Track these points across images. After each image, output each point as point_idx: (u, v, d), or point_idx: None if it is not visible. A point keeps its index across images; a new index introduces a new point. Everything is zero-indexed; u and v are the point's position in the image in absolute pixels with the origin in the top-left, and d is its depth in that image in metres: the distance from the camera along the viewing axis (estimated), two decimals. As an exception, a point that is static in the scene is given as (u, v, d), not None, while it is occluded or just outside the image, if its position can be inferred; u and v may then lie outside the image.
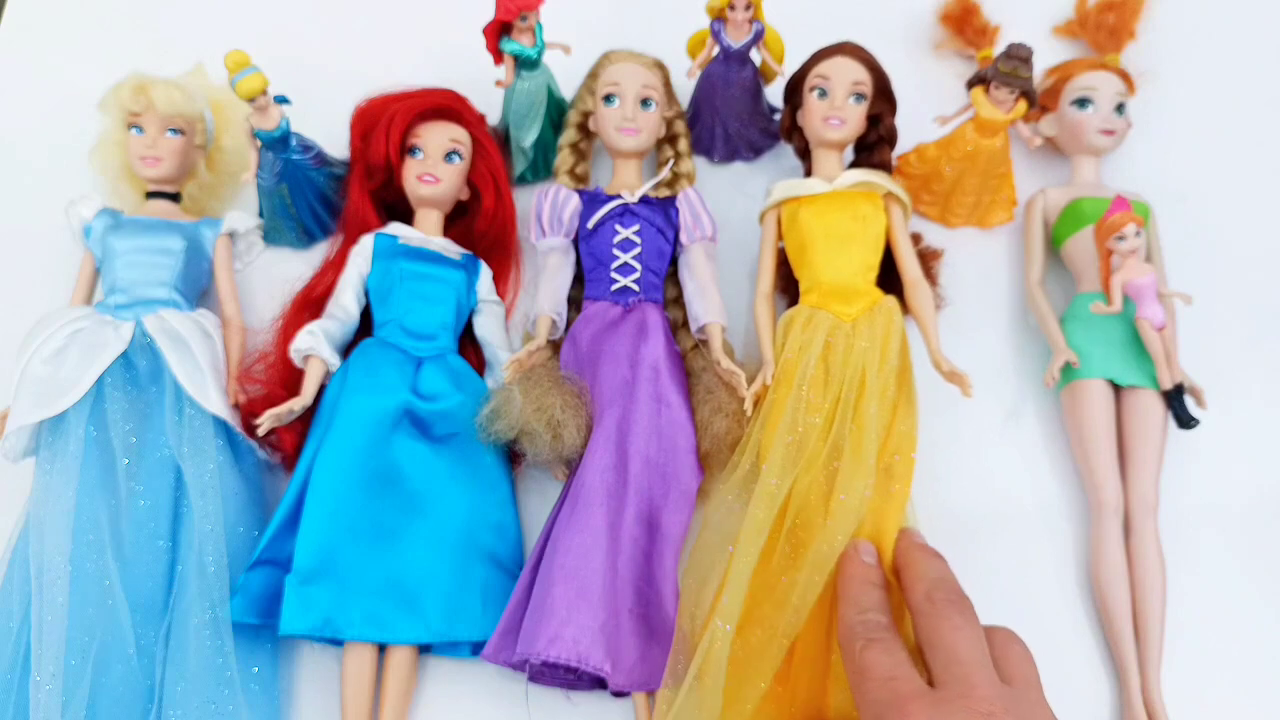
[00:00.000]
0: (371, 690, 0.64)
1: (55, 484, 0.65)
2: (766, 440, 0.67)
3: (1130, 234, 0.72)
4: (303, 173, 0.76)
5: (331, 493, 0.65)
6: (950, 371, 0.69)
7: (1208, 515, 0.73)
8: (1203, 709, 0.67)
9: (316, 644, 0.67)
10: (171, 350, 0.69)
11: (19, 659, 0.63)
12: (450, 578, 0.65)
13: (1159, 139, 0.88)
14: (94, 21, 0.95)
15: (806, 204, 0.74)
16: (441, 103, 0.76)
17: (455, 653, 0.67)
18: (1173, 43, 0.92)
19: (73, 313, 0.71)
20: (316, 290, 0.75)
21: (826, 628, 0.63)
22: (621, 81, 0.77)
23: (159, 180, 0.77)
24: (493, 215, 0.78)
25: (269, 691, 0.65)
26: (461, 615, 0.65)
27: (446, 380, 0.71)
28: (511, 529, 0.69)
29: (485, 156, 0.78)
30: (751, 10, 0.77)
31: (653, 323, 0.72)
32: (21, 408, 0.67)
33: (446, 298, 0.73)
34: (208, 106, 0.79)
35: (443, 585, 0.65)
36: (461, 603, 0.65)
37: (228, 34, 0.89)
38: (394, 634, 0.63)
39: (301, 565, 0.63)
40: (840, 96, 0.75)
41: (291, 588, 0.63)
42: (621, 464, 0.67)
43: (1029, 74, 0.73)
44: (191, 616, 0.63)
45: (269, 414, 0.67)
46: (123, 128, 0.76)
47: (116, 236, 0.73)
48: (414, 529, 0.66)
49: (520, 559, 0.69)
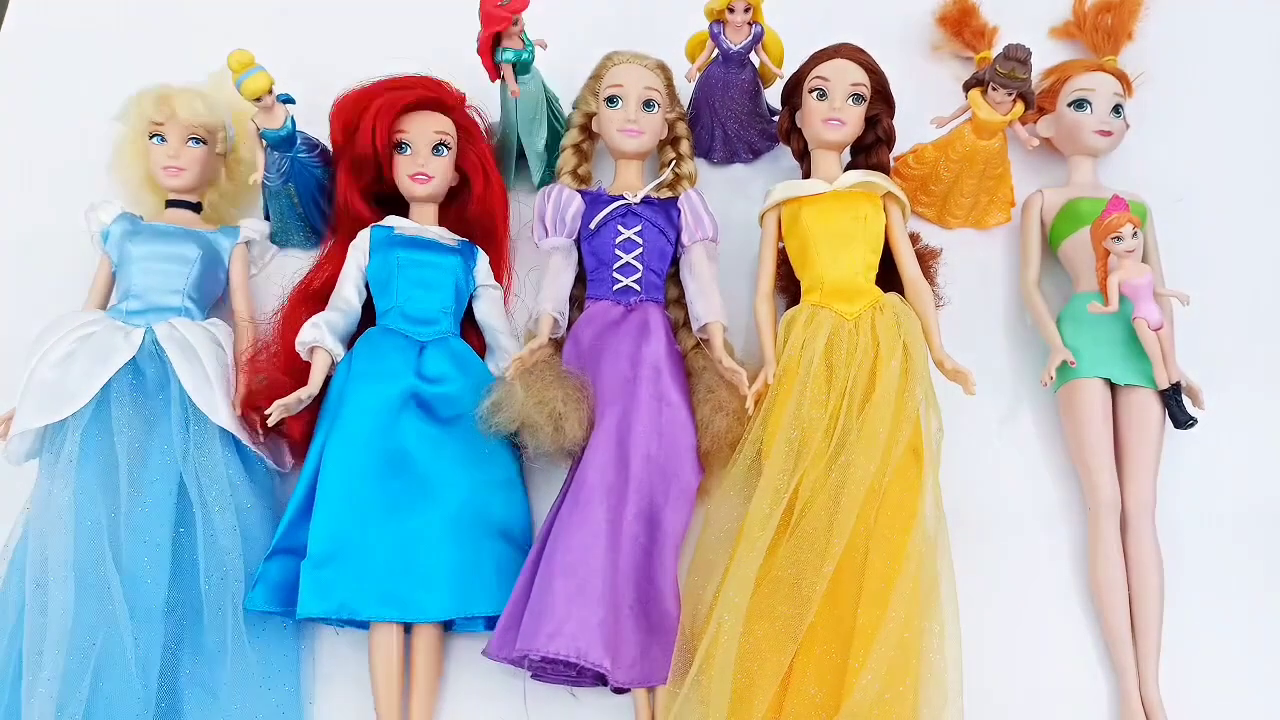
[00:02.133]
0: (401, 670, 0.65)
1: (57, 488, 0.66)
2: (769, 437, 0.68)
3: (1127, 234, 0.72)
4: (309, 171, 0.77)
5: (342, 478, 0.66)
6: (953, 369, 0.70)
7: (1204, 514, 0.74)
8: (1200, 705, 0.68)
9: (342, 631, 0.68)
10: (181, 360, 0.70)
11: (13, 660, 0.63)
12: (463, 555, 0.66)
13: (1156, 140, 0.89)
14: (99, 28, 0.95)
15: (807, 204, 0.74)
16: (423, 94, 0.76)
17: (470, 627, 0.68)
18: (1170, 45, 0.93)
19: (84, 317, 0.72)
20: (314, 283, 0.76)
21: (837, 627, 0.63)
22: (624, 83, 0.77)
23: (181, 190, 0.77)
24: (483, 199, 0.79)
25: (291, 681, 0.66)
26: (476, 591, 0.66)
27: (449, 363, 0.72)
28: (520, 505, 0.71)
29: (471, 141, 0.79)
30: (750, 13, 0.77)
31: (654, 322, 0.73)
32: (26, 412, 0.67)
33: (445, 283, 0.74)
34: (228, 115, 0.79)
35: (456, 563, 0.66)
36: (475, 579, 0.67)
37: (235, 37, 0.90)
38: (411, 612, 0.65)
39: (316, 550, 0.64)
40: (839, 98, 0.75)
41: (307, 573, 0.64)
42: (622, 462, 0.67)
43: (1026, 75, 0.74)
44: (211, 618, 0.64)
45: (278, 404, 0.67)
46: (143, 137, 0.76)
47: (134, 242, 0.74)
48: (425, 509, 0.67)
49: (529, 534, 0.71)
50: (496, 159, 0.81)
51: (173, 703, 0.64)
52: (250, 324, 0.76)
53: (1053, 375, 0.73)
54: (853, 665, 0.61)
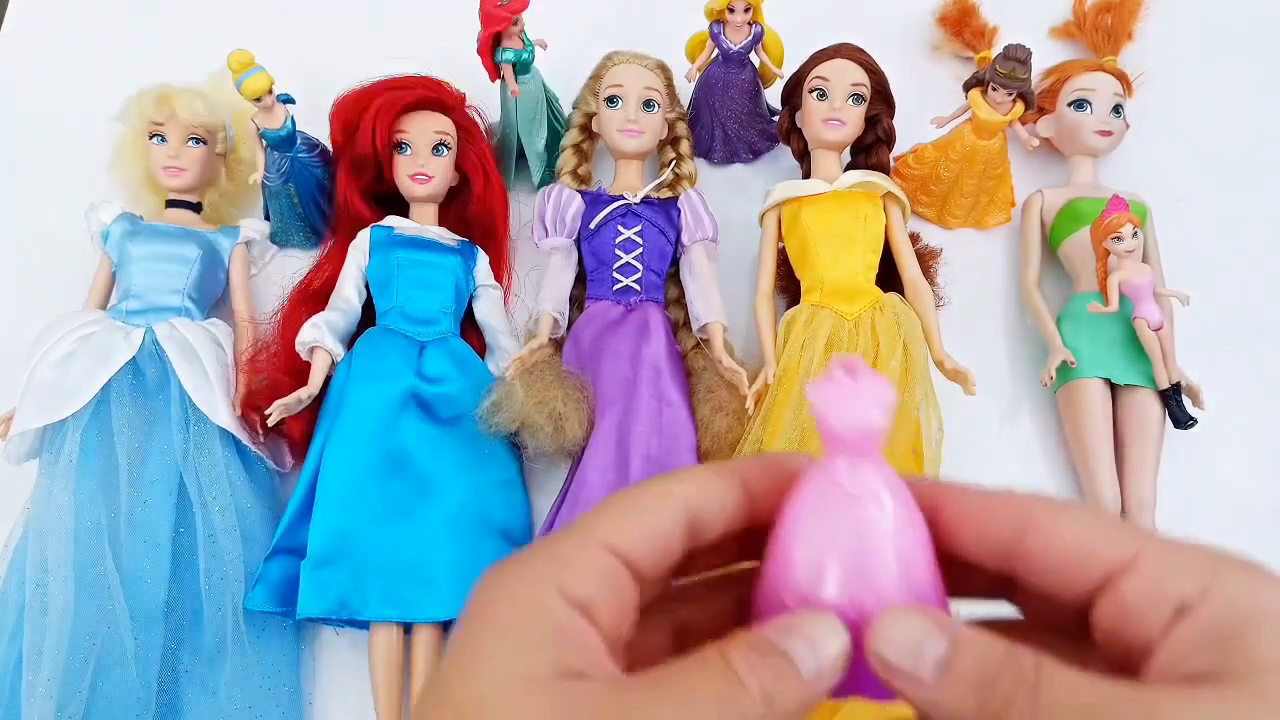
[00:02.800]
0: (401, 670, 0.65)
1: (57, 488, 0.66)
2: (769, 437, 0.68)
3: (1127, 234, 0.72)
4: (309, 171, 0.77)
5: (342, 478, 0.66)
6: (954, 369, 0.70)
7: (1204, 514, 0.74)
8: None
9: (342, 631, 0.68)
10: (181, 360, 0.70)
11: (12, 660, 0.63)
12: (463, 555, 0.66)
13: (1156, 140, 0.89)
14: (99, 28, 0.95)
15: (807, 204, 0.74)
16: (423, 94, 0.76)
17: None
18: (1170, 44, 0.93)
19: (84, 317, 0.72)
20: (314, 283, 0.76)
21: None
22: (624, 83, 0.77)
23: (182, 190, 0.77)
24: (483, 199, 0.79)
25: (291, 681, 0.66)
26: None
27: (449, 363, 0.72)
28: (520, 505, 0.71)
29: (471, 141, 0.79)
30: (750, 13, 0.77)
31: (654, 322, 0.73)
32: (26, 411, 0.67)
33: (445, 283, 0.74)
34: (228, 115, 0.79)
35: (456, 562, 0.66)
36: (475, 579, 0.66)
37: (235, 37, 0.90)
38: (411, 612, 0.65)
39: (316, 550, 0.64)
40: (839, 98, 0.75)
41: (307, 572, 0.64)
42: (622, 462, 0.67)
43: (1026, 75, 0.74)
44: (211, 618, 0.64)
45: (278, 404, 0.67)
46: (143, 137, 0.76)
47: (134, 242, 0.74)
48: (425, 509, 0.67)
49: (529, 534, 0.71)
50: (496, 159, 0.81)
51: (172, 702, 0.64)
52: (250, 324, 0.76)
53: (1053, 375, 0.73)
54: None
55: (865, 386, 0.26)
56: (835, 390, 0.26)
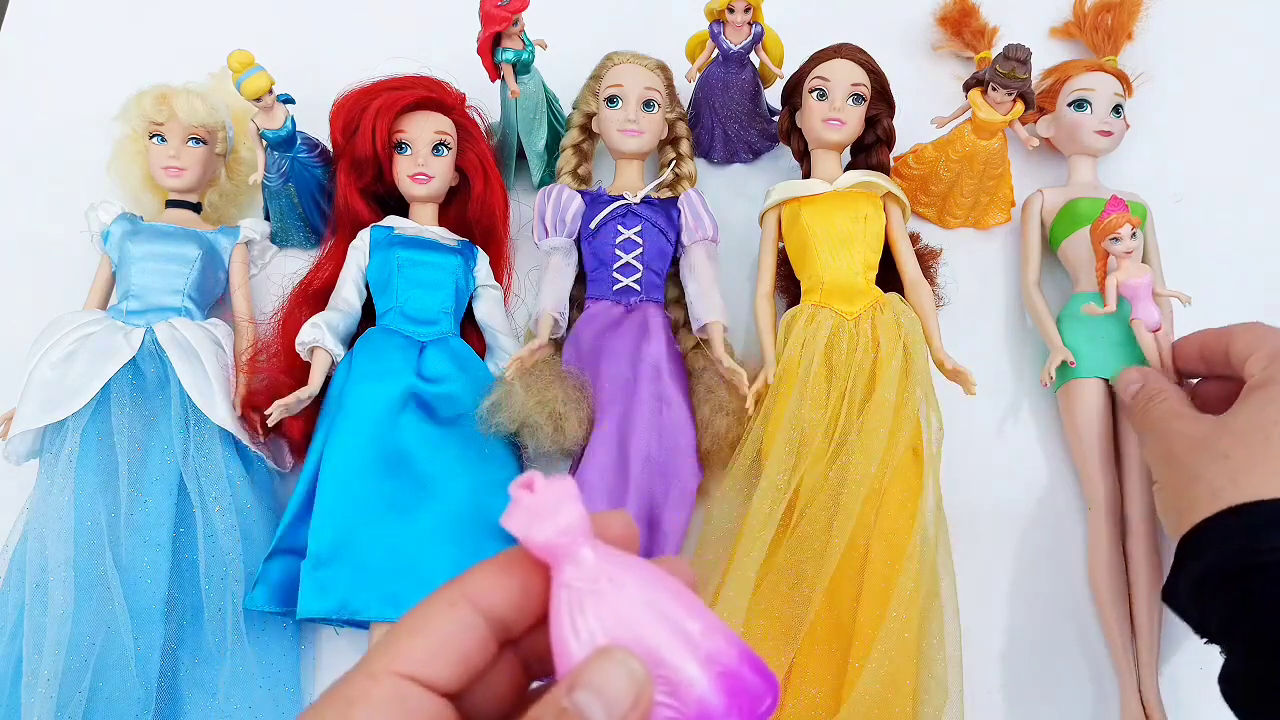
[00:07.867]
0: None
1: (57, 488, 0.66)
2: (769, 437, 0.68)
3: (1125, 235, 0.72)
4: (309, 171, 0.77)
5: (342, 478, 0.66)
6: (954, 369, 0.70)
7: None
8: (1200, 705, 0.68)
9: (342, 631, 0.68)
10: (181, 360, 0.70)
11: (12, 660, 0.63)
12: (464, 555, 0.66)
13: (1156, 140, 0.89)
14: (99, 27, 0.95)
15: (807, 204, 0.74)
16: (423, 94, 0.76)
17: None
18: (1170, 44, 0.93)
19: (84, 317, 0.72)
20: (314, 284, 0.76)
21: (837, 627, 0.64)
22: (624, 83, 0.78)
23: (182, 190, 0.77)
24: (483, 200, 0.79)
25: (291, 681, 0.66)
26: None
27: (449, 363, 0.72)
28: None
29: (471, 142, 0.79)
30: (750, 13, 0.77)
31: (654, 322, 0.73)
32: (26, 411, 0.67)
33: (445, 283, 0.74)
34: (228, 115, 0.79)
35: (456, 562, 0.66)
36: None
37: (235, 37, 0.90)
38: None
39: (316, 550, 0.64)
40: (839, 98, 0.75)
41: (307, 572, 0.64)
42: (622, 463, 0.67)
43: (1026, 75, 0.74)
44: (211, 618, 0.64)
45: (278, 404, 0.67)
46: (143, 137, 0.76)
47: (134, 242, 0.74)
48: (425, 510, 0.67)
49: None
50: (496, 159, 0.81)
51: (172, 702, 0.64)
52: (250, 324, 0.76)
53: (1052, 375, 0.73)
54: (853, 665, 0.61)
55: (543, 493, 0.27)
56: (521, 511, 0.27)
